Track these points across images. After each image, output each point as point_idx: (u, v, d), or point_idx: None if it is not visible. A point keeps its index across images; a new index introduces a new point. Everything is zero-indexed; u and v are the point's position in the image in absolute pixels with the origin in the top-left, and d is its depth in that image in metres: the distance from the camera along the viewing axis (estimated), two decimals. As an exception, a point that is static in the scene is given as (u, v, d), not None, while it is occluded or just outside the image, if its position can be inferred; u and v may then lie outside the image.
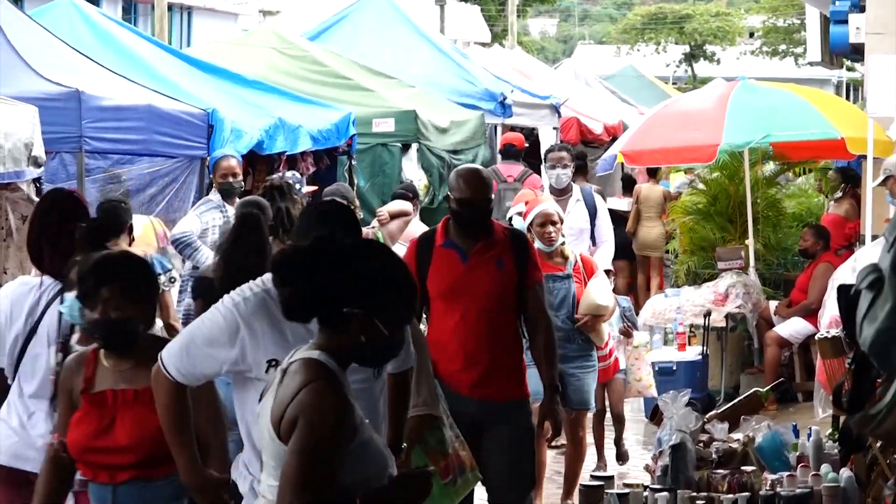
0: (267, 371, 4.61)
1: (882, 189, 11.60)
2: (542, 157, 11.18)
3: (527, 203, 9.28)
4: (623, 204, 18.32)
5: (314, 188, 11.94)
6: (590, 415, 9.38)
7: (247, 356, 4.66)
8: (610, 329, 9.36)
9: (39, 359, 5.64)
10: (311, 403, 3.75)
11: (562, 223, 8.80)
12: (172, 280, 8.24)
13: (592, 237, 11.09)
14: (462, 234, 6.79)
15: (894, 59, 11.64)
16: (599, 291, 8.77)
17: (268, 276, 4.68)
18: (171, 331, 7.88)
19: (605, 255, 11.03)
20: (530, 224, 8.78)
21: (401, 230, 10.98)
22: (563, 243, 8.81)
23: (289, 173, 11.37)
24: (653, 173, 17.74)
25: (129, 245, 7.56)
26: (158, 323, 7.20)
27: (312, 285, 3.85)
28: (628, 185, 19.11)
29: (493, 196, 6.82)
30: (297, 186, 10.11)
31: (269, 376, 4.39)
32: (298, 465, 3.72)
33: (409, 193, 11.64)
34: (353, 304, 3.83)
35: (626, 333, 10.14)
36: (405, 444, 5.50)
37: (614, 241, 11.48)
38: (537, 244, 8.47)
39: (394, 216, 11.08)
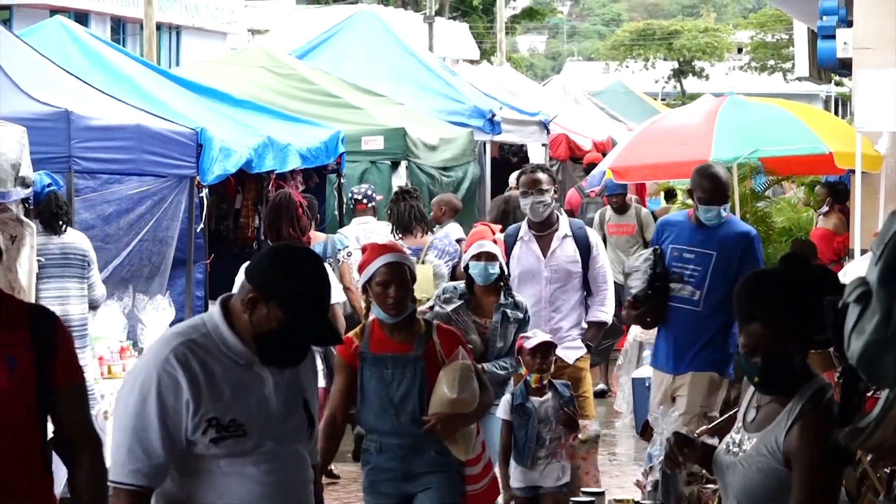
0: (205, 433, 4.14)
1: (872, 203, 11.61)
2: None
3: (364, 249, 6.53)
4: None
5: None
6: None
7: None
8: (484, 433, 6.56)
9: None
10: None
11: (414, 281, 6.19)
12: (349, 254, 10.34)
13: (585, 283, 8.57)
14: None
15: (882, 74, 11.67)
16: (453, 379, 6.02)
17: (199, 319, 4.30)
18: (349, 292, 10.13)
19: (603, 308, 8.61)
20: (368, 282, 6.20)
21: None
22: (413, 310, 6.20)
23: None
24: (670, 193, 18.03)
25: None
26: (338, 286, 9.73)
27: None
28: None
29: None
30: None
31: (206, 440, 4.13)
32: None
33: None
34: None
35: (569, 424, 7.28)
36: None
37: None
38: (376, 312, 6.17)
39: None
